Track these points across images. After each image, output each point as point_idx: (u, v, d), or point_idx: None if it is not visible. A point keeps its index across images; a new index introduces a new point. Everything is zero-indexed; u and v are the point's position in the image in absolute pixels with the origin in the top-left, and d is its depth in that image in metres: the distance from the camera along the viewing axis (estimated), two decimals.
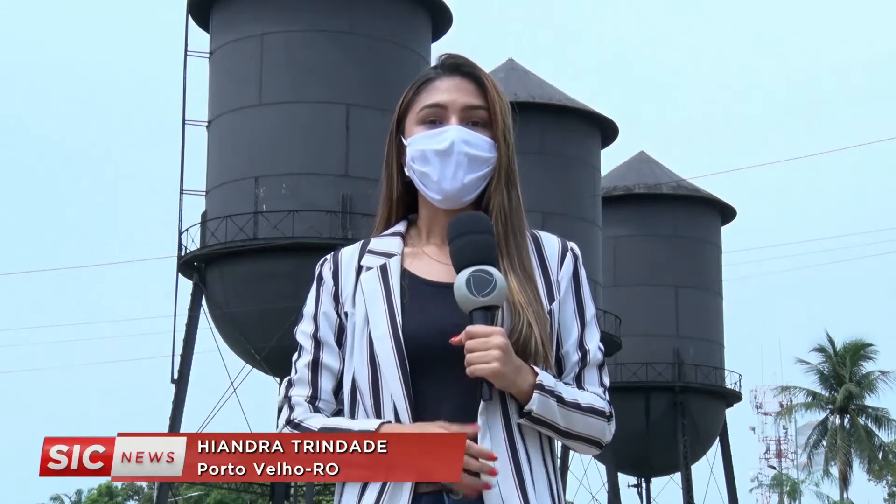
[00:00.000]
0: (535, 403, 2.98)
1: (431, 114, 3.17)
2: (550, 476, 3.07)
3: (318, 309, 3.17)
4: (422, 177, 3.16)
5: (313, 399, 3.13)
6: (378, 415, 3.03)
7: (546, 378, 3.01)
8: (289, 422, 3.11)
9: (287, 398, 3.16)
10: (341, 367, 3.14)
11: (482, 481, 2.94)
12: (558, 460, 3.16)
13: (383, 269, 3.13)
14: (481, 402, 2.97)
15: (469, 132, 3.15)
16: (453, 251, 3.02)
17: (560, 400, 3.02)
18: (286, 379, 3.20)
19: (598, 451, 3.16)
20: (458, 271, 2.98)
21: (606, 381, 3.17)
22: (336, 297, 3.16)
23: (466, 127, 3.16)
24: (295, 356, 3.20)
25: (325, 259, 3.22)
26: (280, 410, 3.16)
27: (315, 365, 3.14)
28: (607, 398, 3.14)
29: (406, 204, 3.26)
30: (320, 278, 3.20)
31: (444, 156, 3.12)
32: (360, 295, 3.12)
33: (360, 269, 3.16)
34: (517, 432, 3.02)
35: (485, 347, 2.92)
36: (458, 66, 3.21)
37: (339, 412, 3.13)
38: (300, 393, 3.14)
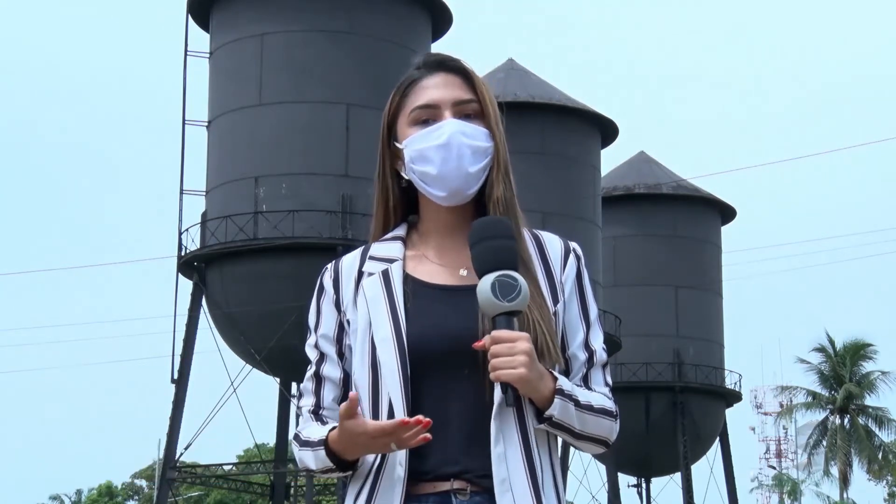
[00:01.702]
0: (557, 408, 2.97)
1: (424, 114, 3.14)
2: (557, 479, 3.06)
3: (319, 320, 3.18)
4: (422, 176, 3.12)
5: (316, 409, 3.17)
6: (375, 417, 3.04)
7: (564, 382, 3.00)
8: (296, 432, 3.20)
9: (299, 408, 3.24)
10: (343, 375, 3.15)
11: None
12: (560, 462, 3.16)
13: (385, 275, 3.12)
14: (494, 407, 2.97)
15: (465, 124, 3.12)
16: (475, 255, 2.99)
17: (576, 403, 3.02)
18: (299, 389, 3.29)
19: (605, 450, 3.16)
20: (479, 276, 2.95)
21: (610, 381, 3.17)
22: (337, 305, 3.15)
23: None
24: (308, 367, 3.25)
25: (326, 268, 3.21)
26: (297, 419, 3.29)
27: (317, 377, 3.18)
28: (612, 397, 3.15)
29: (403, 209, 3.24)
30: (321, 288, 3.19)
31: (444, 150, 3.09)
32: (361, 300, 3.10)
33: (361, 275, 3.14)
34: (531, 435, 3.01)
35: (510, 353, 2.90)
36: (441, 63, 3.18)
37: None
38: (306, 404, 3.19)
